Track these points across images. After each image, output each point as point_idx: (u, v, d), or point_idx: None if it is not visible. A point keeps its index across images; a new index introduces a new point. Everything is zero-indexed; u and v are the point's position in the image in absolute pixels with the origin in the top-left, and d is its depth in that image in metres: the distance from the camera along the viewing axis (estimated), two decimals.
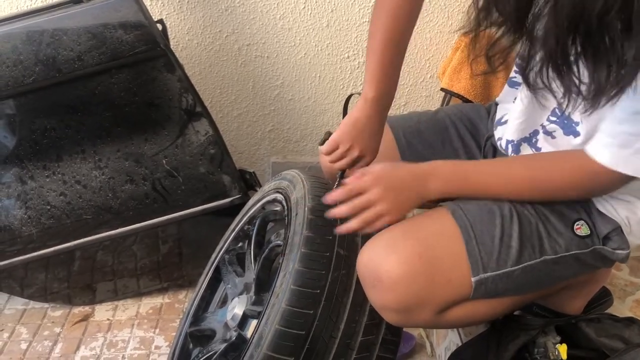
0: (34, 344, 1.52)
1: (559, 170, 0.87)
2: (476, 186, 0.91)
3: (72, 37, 1.39)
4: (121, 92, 1.45)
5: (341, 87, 1.95)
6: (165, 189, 1.54)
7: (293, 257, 0.94)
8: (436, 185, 0.90)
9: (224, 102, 1.95)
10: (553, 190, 0.88)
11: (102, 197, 1.52)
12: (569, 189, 0.87)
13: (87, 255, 1.58)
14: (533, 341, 1.02)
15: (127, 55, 1.42)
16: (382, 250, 0.87)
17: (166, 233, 1.59)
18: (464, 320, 0.93)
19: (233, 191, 1.57)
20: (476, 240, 0.88)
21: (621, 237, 0.92)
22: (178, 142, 1.52)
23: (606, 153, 0.79)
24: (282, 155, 2.08)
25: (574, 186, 0.86)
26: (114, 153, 1.50)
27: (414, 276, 0.85)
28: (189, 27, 1.81)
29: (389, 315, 0.89)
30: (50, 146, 1.47)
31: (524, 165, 0.91)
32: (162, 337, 1.54)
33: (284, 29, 1.84)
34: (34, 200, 1.50)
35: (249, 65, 1.89)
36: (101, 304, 1.67)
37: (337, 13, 1.83)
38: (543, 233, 0.90)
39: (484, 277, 0.87)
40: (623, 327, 1.00)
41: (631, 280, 1.44)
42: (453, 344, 1.25)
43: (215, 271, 1.34)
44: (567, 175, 0.86)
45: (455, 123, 1.17)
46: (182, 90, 1.48)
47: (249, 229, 1.29)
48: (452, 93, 1.79)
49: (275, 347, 0.87)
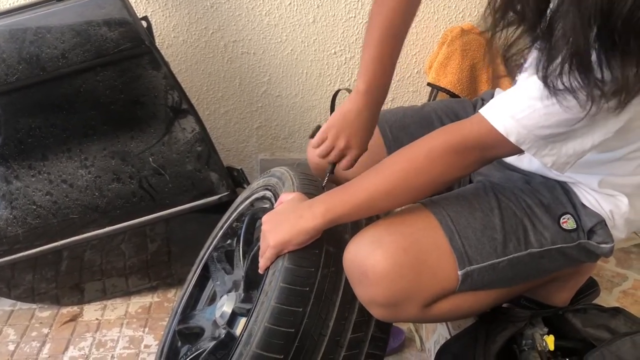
0: (22, 345, 1.51)
1: (429, 147, 0.86)
2: (354, 190, 0.90)
3: (55, 35, 1.37)
4: (106, 90, 1.44)
5: (328, 83, 1.95)
6: (153, 187, 1.53)
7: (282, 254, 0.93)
8: (319, 206, 0.90)
9: (211, 99, 1.94)
10: (429, 170, 0.87)
11: (88, 196, 1.51)
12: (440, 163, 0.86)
13: (74, 255, 1.57)
14: (520, 333, 1.03)
15: (112, 53, 1.40)
16: (368, 245, 0.88)
17: (154, 231, 1.59)
18: (451, 313, 0.94)
19: (221, 188, 1.57)
20: (459, 234, 0.89)
21: (605, 231, 0.93)
22: (164, 140, 1.51)
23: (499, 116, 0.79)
24: (270, 152, 2.07)
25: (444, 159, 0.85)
26: (100, 151, 1.49)
27: (399, 270, 0.85)
28: (174, 24, 1.80)
29: (376, 310, 0.90)
30: (35, 145, 1.46)
31: (397, 155, 0.90)
32: (152, 336, 1.53)
33: (270, 25, 1.84)
34: (20, 200, 1.49)
35: (236, 62, 1.89)
36: (90, 303, 1.66)
37: (323, 9, 1.82)
38: (528, 226, 0.91)
39: (470, 270, 0.88)
40: (609, 317, 1.01)
41: (618, 271, 1.45)
42: (442, 337, 1.26)
43: (203, 269, 1.34)
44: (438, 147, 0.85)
45: (441, 117, 1.17)
46: (167, 87, 1.47)
47: (237, 226, 1.29)
48: (438, 88, 1.80)
49: (265, 345, 0.87)
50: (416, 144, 0.88)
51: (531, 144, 0.78)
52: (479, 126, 0.81)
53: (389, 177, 0.88)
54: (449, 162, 0.85)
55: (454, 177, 0.89)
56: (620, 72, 0.66)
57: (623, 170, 0.90)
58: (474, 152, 0.84)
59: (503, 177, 1.00)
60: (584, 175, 0.92)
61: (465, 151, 0.84)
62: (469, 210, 0.91)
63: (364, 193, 0.89)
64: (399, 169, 0.88)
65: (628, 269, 1.45)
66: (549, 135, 0.77)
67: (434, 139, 0.87)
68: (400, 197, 0.90)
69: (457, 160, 0.85)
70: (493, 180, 0.99)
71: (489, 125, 0.79)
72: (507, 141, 0.79)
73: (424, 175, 0.87)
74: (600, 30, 0.64)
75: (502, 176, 1.01)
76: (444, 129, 0.87)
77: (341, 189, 0.92)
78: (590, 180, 0.92)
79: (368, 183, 0.89)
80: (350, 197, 0.90)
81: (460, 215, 0.90)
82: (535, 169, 0.98)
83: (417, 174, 0.87)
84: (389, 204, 0.90)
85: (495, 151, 0.84)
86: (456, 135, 0.84)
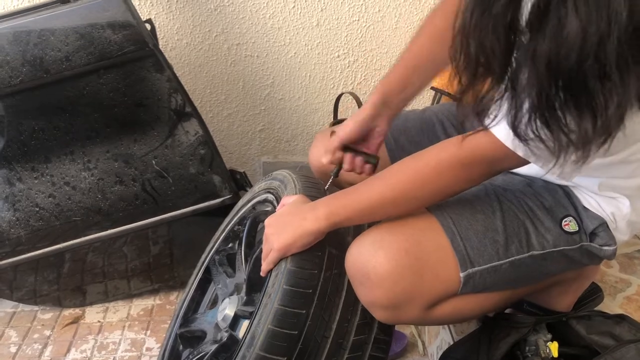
0: (24, 347, 1.51)
1: (436, 158, 0.86)
2: (358, 195, 0.90)
3: (59, 38, 1.37)
4: (110, 93, 1.44)
5: (332, 86, 1.95)
6: (155, 189, 1.53)
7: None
8: (322, 208, 0.91)
9: (214, 102, 1.94)
10: (437, 180, 0.86)
11: (91, 198, 1.51)
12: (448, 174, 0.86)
13: (77, 257, 1.57)
14: (524, 339, 1.02)
15: (116, 56, 1.41)
16: (370, 247, 0.88)
17: (157, 234, 1.58)
18: (453, 316, 0.94)
19: (223, 191, 1.57)
20: (460, 237, 0.89)
21: (607, 233, 0.92)
22: (168, 143, 1.51)
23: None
24: (273, 154, 2.07)
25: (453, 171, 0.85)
26: (103, 154, 1.49)
27: (401, 272, 0.85)
28: (178, 26, 1.80)
29: (378, 312, 0.90)
30: (38, 147, 1.46)
31: (404, 164, 0.90)
32: (154, 339, 1.53)
33: (274, 28, 1.84)
34: (23, 202, 1.49)
35: (239, 65, 1.89)
36: (92, 306, 1.66)
37: (327, 12, 1.83)
38: (530, 228, 0.91)
39: (472, 272, 0.88)
40: (613, 324, 1.01)
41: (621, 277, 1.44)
42: (445, 342, 1.25)
43: (205, 272, 1.34)
44: (444, 159, 0.85)
45: (442, 120, 1.17)
46: (171, 90, 1.47)
47: (239, 229, 1.28)
48: (442, 92, 1.79)
49: (268, 347, 0.87)
50: (424, 155, 0.88)
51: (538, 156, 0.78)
52: (486, 140, 0.81)
53: (395, 185, 0.88)
54: (456, 174, 0.85)
55: (459, 189, 0.89)
56: (577, 126, 0.66)
57: (622, 173, 0.90)
58: (481, 165, 0.84)
59: (505, 180, 1.00)
60: (584, 179, 0.92)
61: (473, 165, 0.84)
62: (471, 213, 0.91)
63: (369, 200, 0.89)
64: (405, 179, 0.88)
65: (632, 275, 1.44)
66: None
67: (442, 151, 0.86)
68: (405, 206, 0.90)
69: (465, 173, 0.85)
70: (495, 183, 0.99)
71: (496, 139, 0.79)
72: (514, 155, 0.78)
73: (430, 186, 0.87)
74: (555, 86, 0.64)
75: (504, 179, 1.01)
76: (452, 141, 0.87)
77: (345, 193, 0.92)
78: (591, 183, 0.91)
79: (373, 190, 0.89)
80: (354, 202, 0.90)
81: (462, 217, 0.90)
82: (535, 172, 0.98)
83: (423, 185, 0.87)
84: (392, 211, 0.91)
85: (502, 164, 0.84)
86: (465, 149, 0.84)
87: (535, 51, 0.63)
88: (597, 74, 0.61)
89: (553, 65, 0.62)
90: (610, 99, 0.63)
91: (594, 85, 0.62)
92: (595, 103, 0.64)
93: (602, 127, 0.65)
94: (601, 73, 0.61)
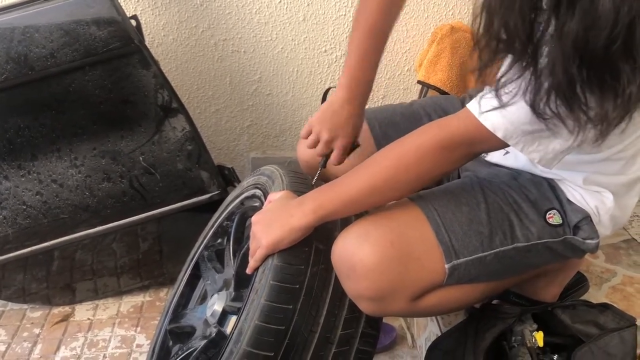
0: (13, 345, 1.50)
1: (417, 142, 0.87)
2: (343, 187, 0.91)
3: (44, 34, 1.37)
4: (96, 89, 1.43)
5: (319, 81, 1.95)
6: (143, 186, 1.53)
7: None
8: (309, 203, 0.91)
9: (201, 97, 1.94)
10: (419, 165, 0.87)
11: (79, 195, 1.51)
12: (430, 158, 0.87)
13: (65, 255, 1.57)
14: (510, 329, 1.03)
15: (101, 52, 1.40)
16: (355, 239, 0.88)
17: (145, 230, 1.58)
18: (439, 307, 0.95)
19: (212, 187, 1.57)
20: (445, 228, 0.89)
21: (591, 227, 0.93)
22: (155, 139, 1.50)
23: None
24: (261, 150, 2.07)
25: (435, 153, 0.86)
26: (90, 151, 1.49)
27: (387, 263, 0.86)
28: (164, 22, 1.80)
29: (364, 304, 0.90)
30: (24, 145, 1.45)
31: (385, 152, 0.91)
32: (144, 336, 1.53)
33: (260, 24, 1.84)
34: (9, 200, 1.48)
35: (226, 61, 1.88)
36: (81, 303, 1.65)
37: (314, 7, 1.82)
38: (515, 221, 0.91)
39: (456, 263, 0.89)
40: (597, 313, 1.02)
41: (607, 267, 1.46)
42: (433, 334, 1.27)
43: (194, 268, 1.34)
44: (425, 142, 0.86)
45: (429, 114, 1.18)
46: (157, 86, 1.47)
47: (228, 225, 1.29)
48: (428, 85, 1.80)
49: (255, 342, 0.87)
50: (404, 140, 0.89)
51: (518, 139, 0.79)
52: (465, 122, 0.82)
53: (378, 173, 0.89)
54: (437, 157, 0.86)
55: (442, 172, 0.90)
56: (599, 105, 0.68)
57: (609, 170, 0.91)
58: (461, 147, 0.85)
59: (490, 172, 1.01)
60: (569, 172, 0.93)
61: (453, 147, 0.85)
62: (456, 205, 0.92)
63: (354, 189, 0.90)
64: (387, 165, 0.89)
65: (617, 265, 1.45)
66: (536, 131, 0.77)
67: (422, 135, 0.87)
68: (390, 193, 0.90)
69: (445, 155, 0.86)
70: (480, 176, 0.99)
71: (476, 121, 0.80)
72: (494, 137, 0.79)
73: (412, 171, 0.87)
74: (579, 65, 0.65)
75: (489, 172, 1.02)
76: (431, 124, 0.88)
77: (331, 185, 0.93)
78: (576, 177, 0.93)
79: (357, 179, 0.90)
80: (339, 194, 0.90)
81: (447, 209, 0.91)
82: (522, 165, 0.99)
83: (406, 170, 0.88)
84: (378, 199, 0.91)
85: (482, 146, 0.85)
86: (444, 131, 0.85)
87: (562, 30, 0.64)
88: (624, 55, 0.63)
89: (580, 44, 0.63)
90: (632, 80, 0.64)
91: (620, 65, 0.64)
92: (619, 83, 0.65)
93: (622, 106, 0.67)
94: (627, 54, 0.62)
